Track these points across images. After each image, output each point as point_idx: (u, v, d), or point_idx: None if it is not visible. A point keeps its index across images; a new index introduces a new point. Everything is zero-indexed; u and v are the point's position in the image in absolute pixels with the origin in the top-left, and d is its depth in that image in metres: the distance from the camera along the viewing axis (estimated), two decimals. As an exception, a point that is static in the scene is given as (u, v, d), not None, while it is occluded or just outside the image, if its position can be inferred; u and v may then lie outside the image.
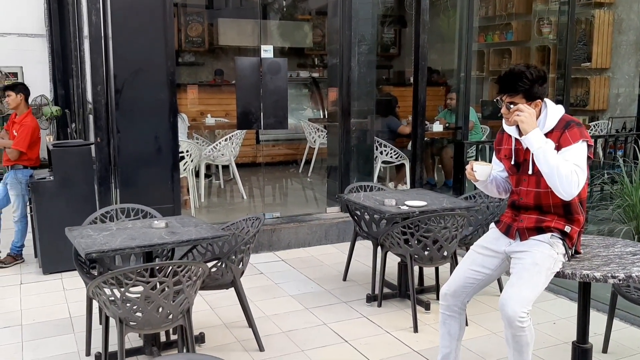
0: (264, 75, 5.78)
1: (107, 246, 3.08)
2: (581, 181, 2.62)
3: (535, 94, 2.69)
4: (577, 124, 2.72)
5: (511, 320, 2.65)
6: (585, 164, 2.66)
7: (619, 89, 8.99)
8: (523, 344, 2.73)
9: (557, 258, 2.71)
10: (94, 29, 4.97)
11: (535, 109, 2.71)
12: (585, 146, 2.68)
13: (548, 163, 2.60)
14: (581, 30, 9.10)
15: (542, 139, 2.63)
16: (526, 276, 2.70)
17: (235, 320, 3.99)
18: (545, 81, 2.72)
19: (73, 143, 5.38)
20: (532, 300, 2.68)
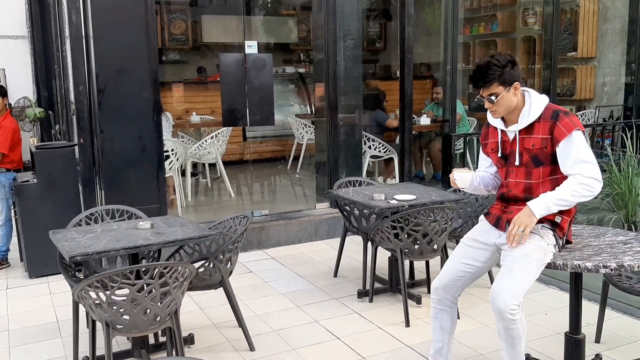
0: (249, 71, 5.72)
1: (91, 249, 3.02)
2: (595, 174, 2.63)
3: (509, 78, 2.67)
4: (566, 113, 2.70)
5: (502, 313, 2.63)
6: (590, 152, 2.65)
7: (605, 77, 9.01)
8: (515, 336, 2.71)
9: (548, 249, 2.68)
10: (74, 29, 4.89)
11: (516, 92, 2.70)
12: (581, 134, 2.67)
13: (565, 203, 2.65)
14: (566, 20, 9.11)
15: (542, 206, 2.64)
16: (516, 268, 2.67)
17: (225, 320, 3.95)
18: (515, 64, 2.70)
19: (56, 145, 5.29)
20: (522, 292, 2.66)
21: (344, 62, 5.97)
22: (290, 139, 8.94)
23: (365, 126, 6.83)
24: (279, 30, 10.39)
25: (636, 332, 3.75)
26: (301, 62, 10.64)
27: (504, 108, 2.73)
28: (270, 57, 5.97)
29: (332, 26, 5.90)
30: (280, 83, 9.86)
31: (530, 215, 2.64)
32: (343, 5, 5.89)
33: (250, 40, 5.88)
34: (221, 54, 5.95)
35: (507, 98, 2.70)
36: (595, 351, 3.35)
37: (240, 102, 5.77)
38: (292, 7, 10.55)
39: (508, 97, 2.70)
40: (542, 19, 8.47)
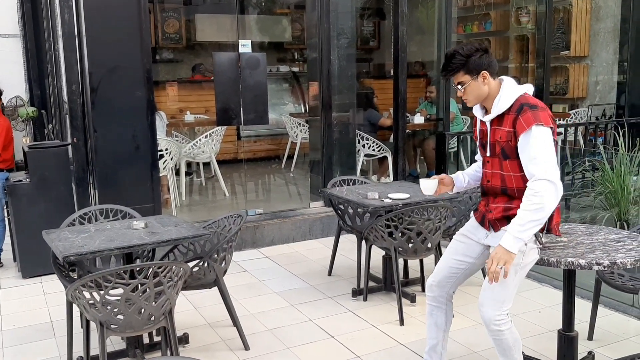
0: (243, 70, 5.72)
1: (85, 249, 3.01)
2: (543, 174, 2.49)
3: (475, 67, 2.64)
4: (532, 106, 2.58)
5: (487, 323, 2.67)
6: (545, 150, 2.52)
7: (598, 76, 9.05)
8: (505, 347, 2.71)
9: (527, 249, 2.61)
10: (67, 27, 4.87)
11: (485, 80, 2.65)
12: (542, 130, 2.53)
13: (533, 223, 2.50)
14: (559, 19, 9.14)
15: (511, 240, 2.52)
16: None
17: (220, 320, 3.95)
18: (482, 52, 2.65)
19: (49, 144, 5.28)
20: (505, 301, 2.65)
21: (337, 61, 5.97)
22: (285, 138, 8.93)
23: (358, 125, 6.84)
24: (273, 29, 10.38)
25: (628, 329, 3.77)
26: (295, 61, 10.63)
27: (474, 96, 2.70)
28: (264, 56, 5.96)
29: (326, 25, 5.90)
30: (275, 82, 9.85)
31: (506, 252, 2.53)
32: (337, 4, 5.90)
33: (244, 39, 5.87)
34: (215, 53, 5.94)
35: (474, 86, 2.66)
36: (588, 348, 3.37)
37: (234, 101, 5.76)
38: (286, 6, 10.53)
39: (476, 86, 2.66)
40: (535, 18, 8.50)
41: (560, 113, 8.78)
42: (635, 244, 2.74)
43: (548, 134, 2.55)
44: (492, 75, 2.67)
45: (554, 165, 2.53)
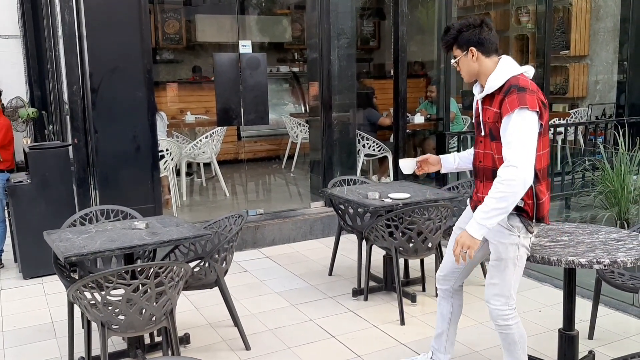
0: (243, 71, 5.72)
1: (86, 249, 3.02)
2: (513, 160, 2.45)
3: (463, 42, 2.64)
4: (520, 88, 2.52)
5: (495, 318, 2.74)
6: (522, 134, 2.47)
7: (598, 76, 9.05)
8: (510, 342, 2.76)
9: (520, 241, 2.63)
10: (67, 28, 4.88)
11: (472, 58, 2.65)
12: (525, 114, 2.48)
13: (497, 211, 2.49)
14: (559, 19, 9.14)
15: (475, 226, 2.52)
16: (495, 273, 2.71)
17: (221, 320, 3.95)
18: (473, 27, 2.63)
19: (50, 145, 5.28)
20: (509, 295, 2.70)
21: (338, 61, 5.97)
22: (285, 138, 8.94)
23: (359, 125, 6.85)
24: (273, 30, 10.39)
25: (628, 328, 3.77)
26: (295, 61, 10.64)
27: (465, 72, 2.71)
28: (264, 57, 5.97)
29: (326, 25, 5.90)
30: (275, 82, 9.86)
31: (469, 237, 2.54)
32: (337, 5, 5.90)
33: (244, 40, 5.87)
34: (216, 54, 5.95)
35: (464, 62, 2.67)
36: (588, 347, 3.37)
37: (234, 101, 5.77)
38: (286, 7, 10.54)
39: (466, 62, 2.67)
40: (535, 18, 8.50)
41: (561, 113, 8.78)
42: (636, 243, 2.74)
43: (530, 118, 2.49)
44: (484, 52, 2.63)
45: (527, 151, 2.47)
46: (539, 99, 2.54)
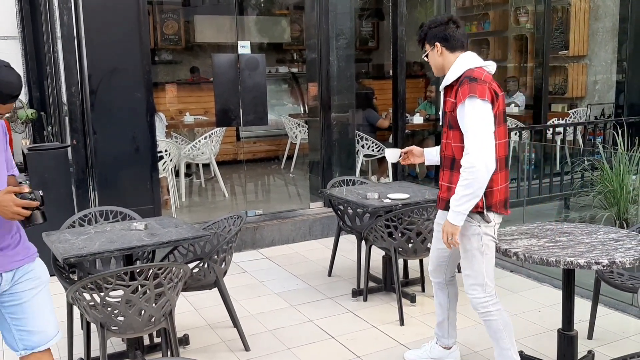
0: (242, 72, 5.73)
1: (85, 250, 3.02)
2: (470, 147, 2.63)
3: (431, 38, 2.84)
4: (472, 79, 2.68)
5: (476, 307, 2.91)
6: (476, 121, 2.63)
7: (597, 75, 9.05)
8: (496, 329, 2.89)
9: (481, 231, 2.79)
10: (66, 29, 4.88)
11: (438, 52, 2.83)
12: (475, 102, 2.63)
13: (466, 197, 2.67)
14: (558, 19, 9.14)
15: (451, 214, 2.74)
16: (466, 265, 2.90)
17: (220, 321, 3.95)
18: (440, 24, 2.82)
19: (49, 146, 5.27)
20: (484, 283, 2.85)
21: (336, 62, 5.97)
22: (284, 139, 8.93)
23: (358, 125, 6.85)
24: (272, 30, 10.39)
25: (628, 328, 3.78)
26: (294, 61, 10.64)
27: (433, 65, 2.89)
28: (263, 57, 5.97)
29: (325, 26, 5.90)
30: (274, 83, 9.85)
31: (450, 225, 2.75)
32: (336, 5, 5.90)
33: (243, 41, 5.88)
34: (214, 55, 5.95)
35: (432, 57, 2.87)
36: (587, 347, 3.37)
37: (233, 102, 5.77)
38: (284, 7, 10.54)
39: (432, 56, 2.86)
40: (534, 18, 8.50)
41: (560, 113, 8.79)
42: (634, 243, 2.75)
43: (481, 107, 2.64)
44: (448, 48, 2.82)
45: (481, 138, 2.63)
46: (491, 89, 2.69)
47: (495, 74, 2.87)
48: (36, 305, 2.41)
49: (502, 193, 2.81)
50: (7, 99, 2.23)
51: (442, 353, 3.34)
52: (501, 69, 9.80)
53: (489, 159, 2.62)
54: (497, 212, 2.80)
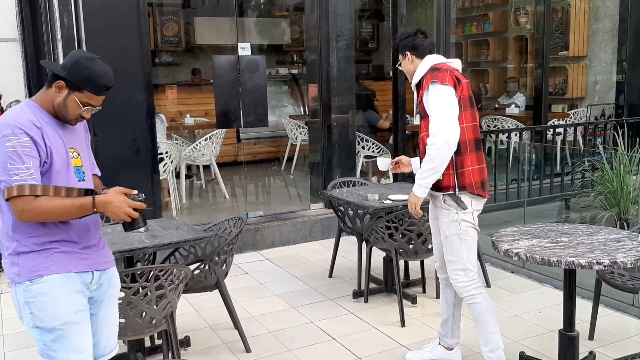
0: (242, 73, 5.73)
1: (86, 252, 3.01)
2: (432, 128, 2.85)
3: (402, 48, 3.12)
4: (434, 69, 2.95)
5: (460, 292, 3.07)
6: (439, 104, 2.86)
7: (597, 76, 9.05)
8: (480, 312, 3.02)
9: (459, 217, 2.98)
10: (66, 31, 4.89)
11: (409, 60, 3.09)
12: (437, 88, 2.87)
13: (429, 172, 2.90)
14: (558, 19, 9.15)
15: (415, 186, 2.97)
16: (447, 251, 3.07)
17: (221, 322, 3.95)
18: (409, 36, 3.10)
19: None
20: (465, 268, 3.02)
21: (336, 63, 5.98)
22: (284, 140, 8.94)
23: (358, 126, 6.85)
24: (272, 32, 10.39)
25: (629, 328, 3.77)
26: (294, 63, 10.63)
27: (407, 72, 3.15)
28: (263, 59, 5.98)
29: (325, 27, 5.91)
30: (274, 84, 9.86)
31: (413, 195, 3.00)
32: (335, 7, 5.90)
33: (243, 42, 5.88)
34: (215, 56, 5.95)
35: (404, 65, 3.14)
36: (589, 348, 3.37)
37: (233, 103, 5.77)
38: (284, 9, 10.54)
39: (405, 64, 3.13)
40: (534, 18, 8.51)
41: (560, 113, 8.79)
42: (635, 243, 2.75)
43: (443, 91, 2.88)
44: (417, 55, 3.08)
45: (444, 118, 2.85)
46: (452, 76, 2.93)
47: (496, 74, 2.93)
48: (108, 314, 2.39)
49: (476, 174, 2.98)
50: (102, 90, 2.22)
51: (443, 354, 3.35)
52: (501, 69, 9.80)
53: (451, 136, 2.83)
54: (473, 194, 2.98)
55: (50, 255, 2.15)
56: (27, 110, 2.14)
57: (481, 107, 8.85)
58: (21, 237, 2.13)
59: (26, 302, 2.17)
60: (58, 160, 2.14)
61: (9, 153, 2.02)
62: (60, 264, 2.16)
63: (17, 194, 2.02)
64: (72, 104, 2.18)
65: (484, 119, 8.03)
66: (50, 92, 2.18)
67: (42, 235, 2.14)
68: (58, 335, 2.17)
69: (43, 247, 2.15)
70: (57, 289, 2.16)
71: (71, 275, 2.19)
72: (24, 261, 2.14)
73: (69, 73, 2.15)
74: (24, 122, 2.07)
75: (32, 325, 2.19)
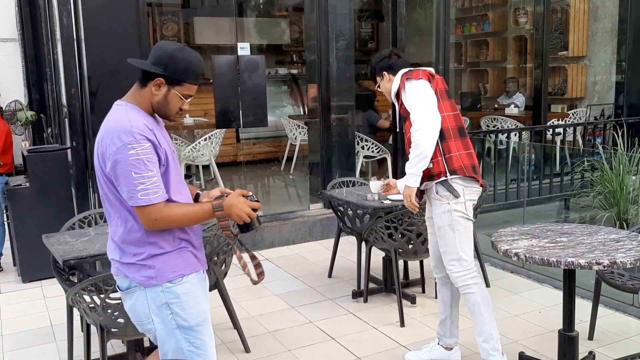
0: (242, 73, 5.73)
1: (85, 252, 3.02)
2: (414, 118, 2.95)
3: (379, 70, 3.29)
4: (408, 71, 3.11)
5: (456, 282, 3.11)
6: (416, 100, 2.99)
7: (596, 76, 9.05)
8: (474, 302, 3.06)
9: (451, 207, 3.04)
10: (65, 31, 4.88)
11: (387, 80, 3.25)
12: (412, 83, 3.02)
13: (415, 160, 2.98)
14: (557, 19, 9.15)
15: (408, 176, 3.03)
16: (441, 242, 3.12)
17: (220, 322, 3.94)
18: (384, 58, 3.29)
19: (48, 148, 5.28)
20: (460, 258, 3.06)
21: (336, 63, 5.97)
22: (284, 140, 8.93)
23: (357, 126, 6.84)
24: (271, 32, 10.39)
25: (628, 328, 3.77)
26: (294, 63, 10.63)
27: (385, 92, 3.30)
28: (262, 59, 5.97)
29: (324, 27, 5.91)
30: (273, 84, 9.85)
31: (406, 187, 3.06)
32: (335, 7, 5.90)
33: (242, 42, 5.87)
34: (214, 56, 5.94)
35: (382, 85, 3.30)
36: (588, 348, 3.37)
37: (233, 103, 5.77)
38: (284, 9, 10.54)
39: (383, 84, 3.30)
40: (533, 18, 8.51)
41: (559, 113, 8.79)
42: (635, 243, 2.74)
43: (418, 85, 3.03)
44: (393, 74, 3.23)
45: (422, 108, 2.97)
46: (424, 72, 3.10)
47: (495, 74, 2.96)
48: None
49: (465, 159, 3.06)
50: (199, 79, 2.18)
51: (443, 354, 3.35)
52: (501, 69, 9.80)
53: (433, 119, 2.94)
54: (465, 177, 3.02)
55: (183, 255, 2.18)
56: (135, 114, 2.10)
57: (480, 107, 8.85)
58: (156, 241, 2.11)
59: (166, 303, 2.15)
60: (172, 162, 2.15)
61: (134, 162, 1.98)
62: (193, 262, 2.22)
63: (146, 204, 2.00)
64: (174, 98, 2.15)
65: (484, 119, 8.03)
66: (145, 92, 2.15)
67: (174, 236, 2.15)
68: (199, 332, 2.22)
69: (176, 247, 2.16)
70: (197, 287, 2.22)
71: (200, 273, 2.27)
72: (160, 263, 2.13)
73: (167, 69, 2.10)
74: (141, 127, 2.03)
75: (174, 325, 2.18)
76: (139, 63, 2.18)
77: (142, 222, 2.05)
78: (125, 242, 2.14)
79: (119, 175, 2.00)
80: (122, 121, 2.05)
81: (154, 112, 2.18)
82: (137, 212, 2.03)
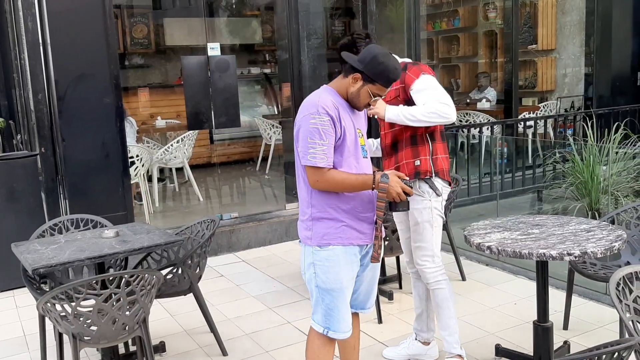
0: (213, 74, 5.68)
1: (55, 260, 2.96)
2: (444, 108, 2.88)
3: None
4: (413, 63, 3.05)
5: (427, 278, 3.13)
6: (442, 92, 2.93)
7: (566, 69, 9.17)
8: (443, 297, 3.10)
9: (432, 204, 3.05)
10: (30, 36, 4.79)
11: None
12: (429, 77, 2.96)
13: (413, 118, 2.91)
14: (526, 13, 9.25)
15: (395, 111, 2.94)
16: (417, 237, 3.12)
17: (197, 326, 3.91)
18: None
19: (17, 155, 5.17)
20: (433, 254, 3.10)
21: (308, 62, 5.96)
22: (258, 140, 8.89)
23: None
24: (243, 31, 10.33)
25: (602, 317, 3.82)
26: (267, 62, 10.58)
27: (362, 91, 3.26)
28: (233, 59, 5.93)
29: (295, 26, 5.89)
30: (246, 84, 9.80)
31: (384, 109, 2.96)
32: (306, 5, 5.89)
33: (213, 43, 5.82)
34: (183, 57, 5.89)
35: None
36: (563, 338, 3.41)
37: (204, 105, 5.72)
38: (255, 8, 10.49)
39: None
40: (503, 13, 8.59)
41: (530, 106, 8.89)
42: (605, 233, 2.78)
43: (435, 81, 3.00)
44: None
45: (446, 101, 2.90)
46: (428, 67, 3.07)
47: (467, 70, 2.99)
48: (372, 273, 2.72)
49: (445, 162, 3.12)
50: (391, 83, 2.49)
51: (420, 349, 3.35)
52: (472, 65, 9.88)
53: (453, 113, 2.91)
54: (444, 179, 3.10)
55: (338, 227, 2.49)
56: (327, 94, 2.48)
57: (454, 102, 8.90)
58: (318, 204, 2.50)
59: (312, 263, 2.55)
60: (349, 138, 2.47)
61: (312, 129, 2.41)
62: (345, 236, 2.50)
63: (311, 165, 2.42)
64: (364, 94, 2.48)
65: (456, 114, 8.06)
66: (346, 81, 2.50)
67: (335, 204, 2.48)
68: (334, 297, 2.53)
69: (334, 216, 2.49)
70: (340, 257, 2.51)
71: (352, 247, 2.53)
72: (317, 227, 2.52)
73: (366, 67, 2.43)
74: (327, 103, 2.42)
75: (315, 284, 2.56)
76: (348, 57, 2.51)
77: (308, 180, 2.49)
78: (300, 200, 2.61)
79: (299, 137, 2.48)
80: (314, 98, 2.48)
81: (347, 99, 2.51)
82: (306, 170, 2.47)
